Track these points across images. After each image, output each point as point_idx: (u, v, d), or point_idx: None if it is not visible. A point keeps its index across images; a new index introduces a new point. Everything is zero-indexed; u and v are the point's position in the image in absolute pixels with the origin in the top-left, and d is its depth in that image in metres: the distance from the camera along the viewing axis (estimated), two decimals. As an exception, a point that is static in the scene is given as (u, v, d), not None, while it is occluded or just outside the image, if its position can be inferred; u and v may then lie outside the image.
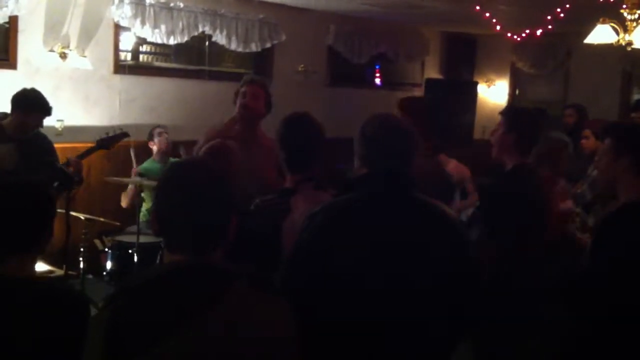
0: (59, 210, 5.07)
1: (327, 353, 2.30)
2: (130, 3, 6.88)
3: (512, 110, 3.96)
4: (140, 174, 5.79)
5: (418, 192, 2.47)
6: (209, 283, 1.78)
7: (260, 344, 1.78)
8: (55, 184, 4.71)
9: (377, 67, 10.13)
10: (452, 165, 4.42)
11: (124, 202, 6.24)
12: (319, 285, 2.30)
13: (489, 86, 11.00)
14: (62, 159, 5.27)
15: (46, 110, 4.99)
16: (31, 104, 4.93)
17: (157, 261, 4.95)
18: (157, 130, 6.50)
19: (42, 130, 5.18)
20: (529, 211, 3.31)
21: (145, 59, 7.67)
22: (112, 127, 5.88)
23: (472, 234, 3.28)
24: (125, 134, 5.52)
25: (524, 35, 7.43)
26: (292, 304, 1.94)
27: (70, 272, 5.28)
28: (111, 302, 1.81)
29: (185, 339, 1.70)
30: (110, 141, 5.39)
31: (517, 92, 11.03)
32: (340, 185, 2.63)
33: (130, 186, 6.09)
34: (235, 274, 1.84)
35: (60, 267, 5.13)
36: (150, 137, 6.51)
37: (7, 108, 5.07)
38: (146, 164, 6.25)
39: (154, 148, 6.49)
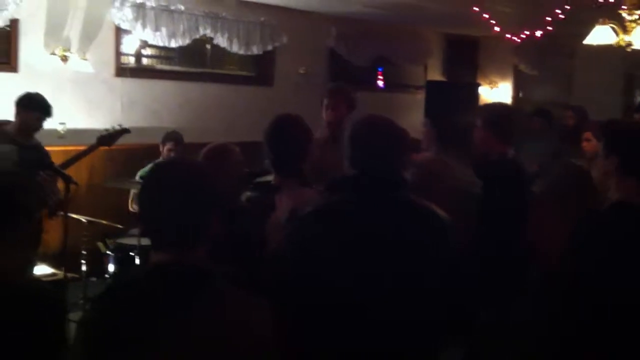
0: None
1: (317, 348, 2.31)
2: (131, 6, 6.90)
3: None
4: (142, 178, 5.78)
5: (408, 191, 2.48)
6: (188, 283, 1.80)
7: (238, 342, 1.79)
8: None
9: (379, 69, 10.12)
10: None
11: (133, 207, 6.20)
12: (306, 286, 2.32)
13: (491, 88, 10.99)
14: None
15: (46, 109, 5.04)
16: (32, 102, 5.01)
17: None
18: (168, 144, 6.34)
19: (44, 133, 5.22)
20: None
21: (147, 62, 7.69)
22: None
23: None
24: (125, 130, 5.53)
25: (523, 36, 7.42)
26: (281, 302, 1.95)
27: (73, 275, 5.30)
28: (95, 303, 1.85)
29: (165, 338, 1.73)
30: (110, 138, 5.41)
31: (520, 94, 11.02)
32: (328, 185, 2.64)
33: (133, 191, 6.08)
34: (215, 273, 1.86)
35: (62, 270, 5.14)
36: (162, 141, 6.42)
37: (9, 110, 5.11)
38: (149, 169, 6.21)
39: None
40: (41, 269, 5.08)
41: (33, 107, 5.00)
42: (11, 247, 2.18)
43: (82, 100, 6.82)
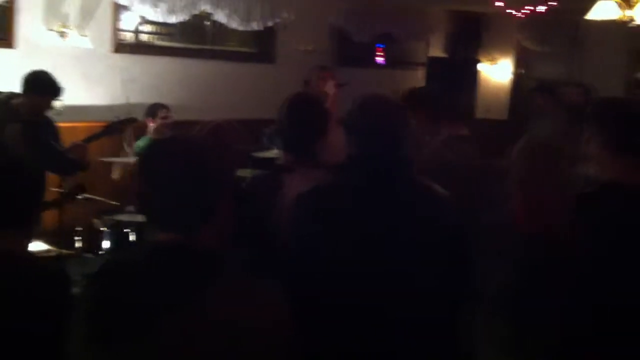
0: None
1: (318, 333, 2.28)
2: (130, -19, 6.85)
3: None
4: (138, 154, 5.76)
5: (410, 172, 2.45)
6: (193, 266, 1.74)
7: (244, 327, 1.75)
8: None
9: (378, 46, 10.04)
10: None
11: (115, 174, 6.15)
12: (305, 270, 2.30)
13: (492, 64, 10.92)
14: (62, 138, 5.27)
15: (58, 91, 4.99)
16: (44, 86, 4.93)
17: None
18: (162, 112, 6.36)
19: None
20: None
21: (146, 38, 7.65)
22: (113, 106, 5.86)
23: None
24: (133, 120, 5.52)
25: (526, 11, 7.35)
26: (287, 286, 1.92)
27: (68, 252, 5.28)
28: (94, 281, 1.82)
29: (167, 319, 1.68)
30: (118, 126, 5.40)
31: (522, 70, 10.94)
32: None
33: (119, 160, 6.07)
34: (223, 256, 1.81)
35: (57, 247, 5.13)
36: (150, 114, 6.39)
37: (5, 86, 5.07)
38: (142, 143, 6.19)
39: (151, 125, 6.36)
40: (36, 245, 5.07)
41: (46, 91, 4.93)
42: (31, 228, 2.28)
43: (80, 77, 6.77)
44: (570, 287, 2.69)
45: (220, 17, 7.73)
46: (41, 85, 4.91)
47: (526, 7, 7.37)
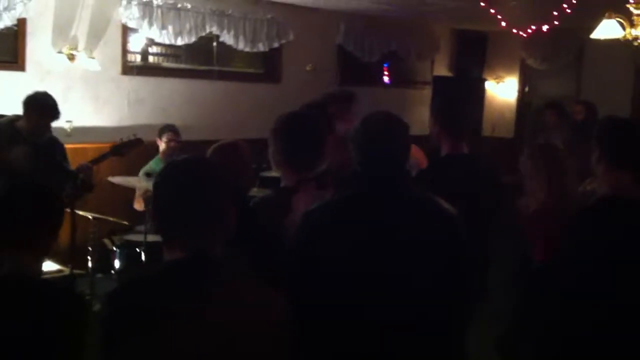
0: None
1: (322, 346, 2.31)
2: (138, 4, 6.93)
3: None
4: (148, 174, 5.80)
5: (412, 185, 2.48)
6: (206, 276, 1.82)
7: (254, 334, 1.81)
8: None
9: (385, 65, 10.09)
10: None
11: (138, 206, 6.23)
12: (310, 280, 2.33)
13: (497, 83, 10.95)
14: (71, 159, 5.31)
15: (58, 113, 5.05)
16: (44, 107, 4.98)
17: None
18: (167, 135, 6.38)
19: (52, 131, 5.23)
20: None
21: (154, 60, 7.71)
22: (121, 128, 5.87)
23: None
24: (139, 141, 5.55)
25: (530, 30, 7.40)
26: (293, 299, 1.96)
27: (78, 271, 5.31)
28: (114, 297, 1.89)
29: (183, 327, 1.75)
30: (124, 147, 5.44)
31: (526, 89, 10.96)
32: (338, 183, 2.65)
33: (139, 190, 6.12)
34: (233, 267, 1.88)
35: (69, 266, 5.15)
36: (159, 135, 6.46)
37: (17, 109, 5.12)
38: (153, 164, 6.24)
39: (161, 146, 6.44)
40: (47, 265, 5.10)
41: (45, 113, 4.98)
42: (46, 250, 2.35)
43: (89, 98, 6.84)
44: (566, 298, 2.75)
45: (227, 38, 7.81)
46: (38, 107, 4.97)
47: (531, 27, 7.41)
